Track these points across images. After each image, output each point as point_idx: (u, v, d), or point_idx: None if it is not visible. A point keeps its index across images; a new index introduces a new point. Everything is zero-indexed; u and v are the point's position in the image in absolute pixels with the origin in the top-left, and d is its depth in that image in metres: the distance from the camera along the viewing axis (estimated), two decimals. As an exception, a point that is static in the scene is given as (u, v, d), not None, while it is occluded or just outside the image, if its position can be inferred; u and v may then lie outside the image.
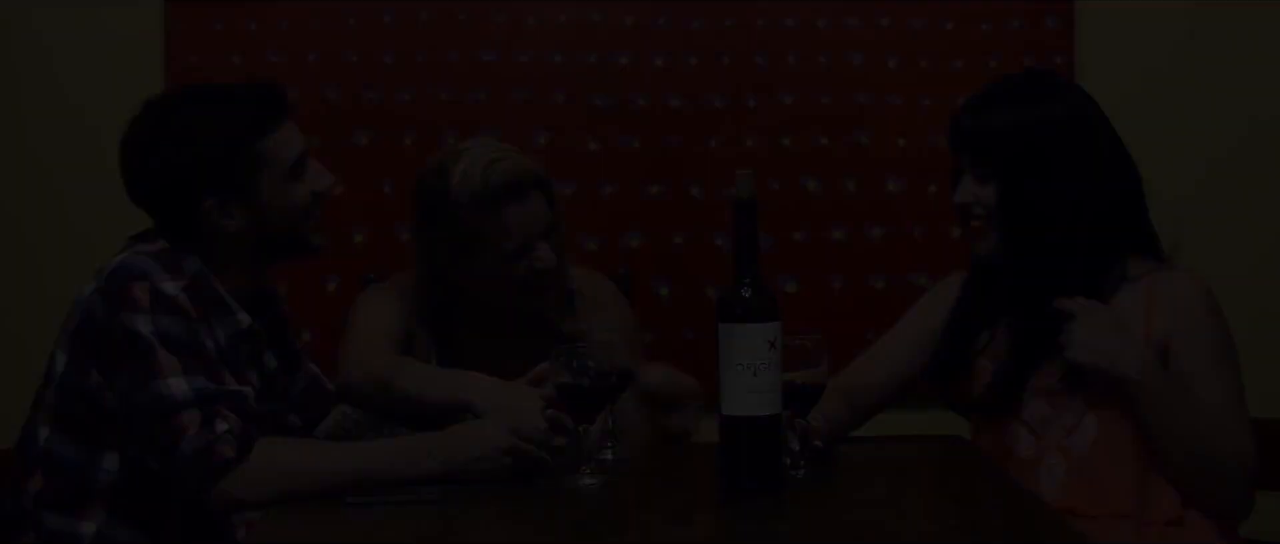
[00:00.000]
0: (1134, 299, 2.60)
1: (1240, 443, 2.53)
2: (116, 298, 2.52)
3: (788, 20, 4.23)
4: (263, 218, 2.64)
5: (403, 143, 4.11)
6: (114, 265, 2.57)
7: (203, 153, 2.59)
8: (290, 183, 2.65)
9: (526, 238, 2.82)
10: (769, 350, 2.26)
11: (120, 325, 2.50)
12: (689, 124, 4.21)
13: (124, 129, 2.67)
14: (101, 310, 2.53)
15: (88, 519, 2.58)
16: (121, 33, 4.13)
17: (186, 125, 2.61)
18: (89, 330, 2.55)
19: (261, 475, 2.41)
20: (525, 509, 2.29)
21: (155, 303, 2.51)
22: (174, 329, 2.50)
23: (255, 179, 2.62)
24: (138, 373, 2.48)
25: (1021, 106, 2.61)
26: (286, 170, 2.65)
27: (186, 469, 2.42)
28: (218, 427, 2.42)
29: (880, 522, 2.15)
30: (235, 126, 2.61)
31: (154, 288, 2.53)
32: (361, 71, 4.16)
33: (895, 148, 4.20)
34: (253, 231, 2.65)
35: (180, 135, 2.61)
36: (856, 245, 4.25)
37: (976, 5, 4.27)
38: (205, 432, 2.42)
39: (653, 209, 4.21)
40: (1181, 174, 4.29)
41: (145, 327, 2.49)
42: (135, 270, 2.55)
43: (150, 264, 2.56)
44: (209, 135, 2.60)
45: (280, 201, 2.65)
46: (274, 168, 2.63)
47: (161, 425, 2.44)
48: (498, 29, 4.18)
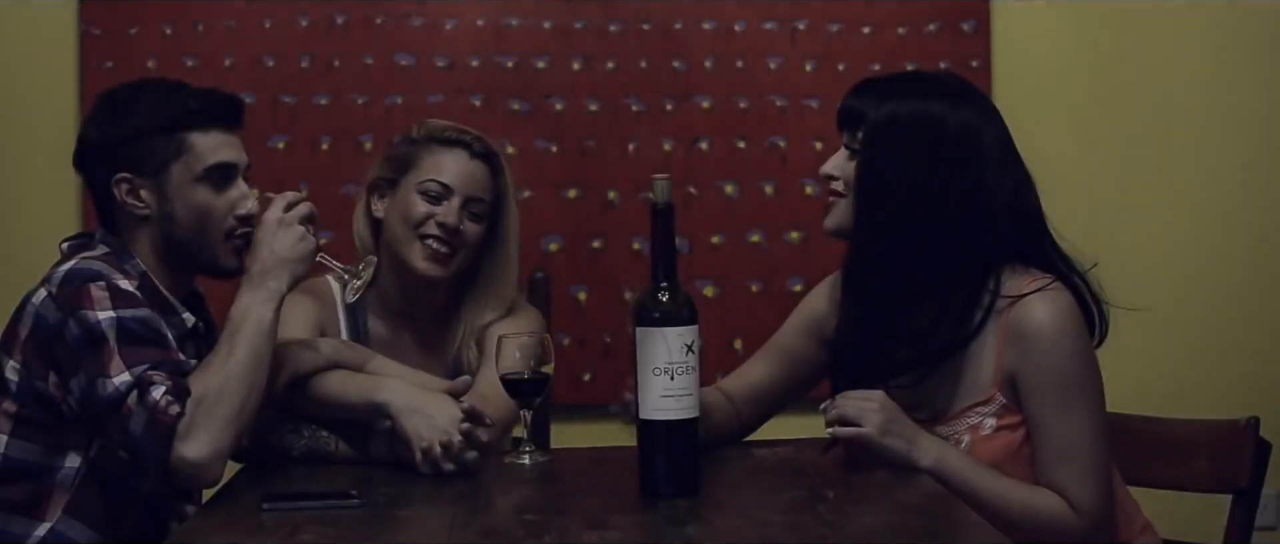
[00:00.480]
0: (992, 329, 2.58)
1: (1080, 491, 2.49)
2: (73, 300, 2.55)
3: (705, 24, 4.25)
4: (170, 214, 2.69)
5: (320, 147, 4.10)
6: (66, 271, 2.60)
7: (128, 126, 2.68)
8: (202, 186, 2.69)
9: (444, 187, 2.90)
10: (686, 354, 2.26)
11: (77, 324, 2.53)
12: (607, 128, 4.21)
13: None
14: (55, 315, 2.56)
15: (43, 520, 2.61)
16: (34, 37, 4.09)
17: (130, 100, 2.71)
18: (43, 335, 2.58)
19: (202, 421, 2.45)
20: (443, 513, 2.28)
21: (115, 298, 2.55)
22: (132, 318, 2.54)
23: (167, 166, 2.68)
24: (92, 370, 2.50)
25: (901, 95, 2.61)
26: (201, 171, 2.69)
27: (143, 447, 2.44)
28: (153, 393, 2.44)
29: (800, 524, 2.16)
30: (163, 109, 2.69)
31: (111, 285, 2.57)
32: (278, 76, 4.14)
33: (812, 151, 4.21)
34: (162, 229, 2.70)
35: (118, 107, 2.70)
36: (774, 249, 4.27)
37: (894, 9, 4.30)
38: (144, 405, 2.44)
39: (570, 213, 4.21)
40: (1095, 176, 4.35)
41: (104, 319, 2.52)
42: (88, 273, 2.58)
43: (101, 266, 2.61)
44: (139, 111, 2.69)
45: (187, 199, 2.69)
46: (189, 162, 2.69)
47: (112, 419, 2.47)
48: (415, 33, 4.17)
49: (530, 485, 2.50)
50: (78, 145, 2.75)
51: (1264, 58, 4.43)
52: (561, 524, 2.17)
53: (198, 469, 2.45)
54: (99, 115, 2.73)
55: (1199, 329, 4.40)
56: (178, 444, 2.43)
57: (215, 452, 2.46)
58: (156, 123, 2.68)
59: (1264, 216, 4.43)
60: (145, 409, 2.43)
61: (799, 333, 2.86)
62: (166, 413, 2.43)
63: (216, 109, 2.73)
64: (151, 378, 2.46)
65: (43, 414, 2.60)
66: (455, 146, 2.95)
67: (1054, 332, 2.51)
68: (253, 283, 2.61)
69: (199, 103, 2.71)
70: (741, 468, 2.58)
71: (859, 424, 2.47)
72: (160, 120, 2.68)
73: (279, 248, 2.62)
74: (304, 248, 2.64)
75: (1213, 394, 4.25)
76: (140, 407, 2.44)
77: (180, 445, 2.43)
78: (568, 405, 4.11)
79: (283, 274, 2.62)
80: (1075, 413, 2.51)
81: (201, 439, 2.45)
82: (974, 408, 2.56)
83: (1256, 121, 4.42)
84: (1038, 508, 2.49)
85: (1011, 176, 2.59)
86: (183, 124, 2.69)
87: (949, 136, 2.56)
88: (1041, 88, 4.35)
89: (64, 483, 2.61)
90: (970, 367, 2.58)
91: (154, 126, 2.68)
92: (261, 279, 2.61)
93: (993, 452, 2.54)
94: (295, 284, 2.67)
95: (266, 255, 2.62)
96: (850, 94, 2.65)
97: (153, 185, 2.68)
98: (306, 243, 2.65)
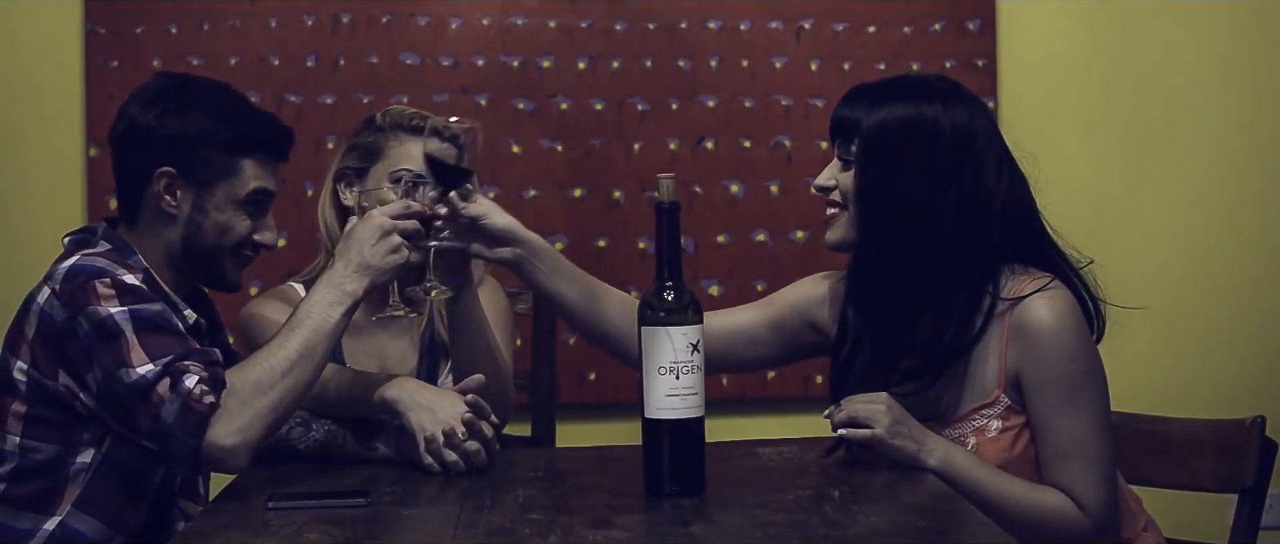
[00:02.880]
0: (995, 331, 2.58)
1: (1085, 489, 2.50)
2: (78, 297, 2.56)
3: (710, 24, 4.25)
4: (199, 224, 2.71)
5: (325, 146, 4.09)
6: (68, 268, 2.60)
7: (190, 127, 2.68)
8: (239, 210, 2.73)
9: (417, 176, 2.88)
10: (691, 354, 2.26)
11: (88, 319, 2.53)
12: (612, 127, 4.21)
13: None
14: (62, 313, 2.56)
15: (53, 513, 2.63)
16: (39, 35, 4.09)
17: (196, 100, 2.72)
18: (51, 334, 2.59)
19: (236, 410, 2.44)
20: (448, 512, 2.28)
21: (122, 293, 2.56)
22: (145, 310, 2.54)
23: (214, 182, 2.70)
24: (109, 362, 2.50)
25: (891, 102, 2.60)
26: (244, 195, 2.73)
27: (174, 434, 2.43)
28: (186, 381, 2.44)
29: (804, 523, 2.16)
30: (232, 128, 2.71)
31: (116, 281, 2.57)
32: (283, 75, 4.14)
33: (817, 151, 4.21)
34: (184, 232, 2.72)
35: (186, 103, 2.71)
36: (779, 248, 4.26)
37: (899, 8, 4.30)
38: (176, 393, 2.43)
39: (575, 212, 4.21)
40: (1100, 175, 4.35)
41: (117, 313, 2.52)
42: (92, 269, 2.59)
43: (104, 262, 2.61)
44: (206, 118, 2.69)
45: (220, 218, 2.72)
46: (236, 186, 2.72)
47: (141, 407, 2.47)
48: (420, 32, 4.17)
49: (535, 484, 2.50)
50: (125, 124, 2.73)
51: (1271, 55, 4.42)
52: (566, 523, 2.17)
53: (226, 455, 2.45)
54: (159, 103, 2.71)
55: (1205, 328, 4.40)
56: (209, 429, 2.42)
57: (244, 441, 2.44)
58: (220, 137, 2.69)
59: (1271, 215, 4.42)
60: (179, 397, 2.43)
61: (790, 304, 2.86)
62: (201, 402, 2.43)
63: (279, 144, 2.77)
64: (186, 367, 2.46)
65: (54, 413, 2.61)
66: (420, 133, 2.92)
67: (1057, 331, 2.52)
68: (330, 281, 2.55)
69: (265, 132, 2.74)
70: (746, 467, 2.58)
71: (868, 426, 2.47)
72: (224, 136, 2.70)
73: (370, 253, 2.54)
74: (394, 261, 2.56)
75: (1218, 393, 4.25)
76: (174, 394, 2.43)
77: (211, 430, 2.42)
78: (572, 405, 4.11)
79: (363, 280, 2.54)
80: (1079, 411, 2.51)
81: (234, 427, 2.44)
82: (979, 410, 2.56)
83: (1264, 119, 4.42)
84: (1044, 506, 2.49)
85: (1006, 174, 2.59)
86: (244, 148, 2.71)
87: (944, 139, 2.56)
88: (1047, 87, 4.35)
89: (76, 477, 2.63)
90: (974, 369, 2.58)
91: (216, 140, 2.69)
92: (340, 280, 2.54)
93: (998, 453, 2.54)
94: (374, 293, 2.60)
95: (355, 256, 2.55)
96: (841, 104, 2.65)
97: (192, 192, 2.70)
98: (398, 256, 2.56)
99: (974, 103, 2.62)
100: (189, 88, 2.75)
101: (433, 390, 2.69)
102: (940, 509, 2.27)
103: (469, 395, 2.64)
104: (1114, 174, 4.37)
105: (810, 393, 3.08)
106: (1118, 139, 4.37)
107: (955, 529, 2.18)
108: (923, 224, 2.54)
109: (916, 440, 2.48)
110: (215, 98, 2.75)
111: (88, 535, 2.64)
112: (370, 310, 2.82)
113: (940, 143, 2.55)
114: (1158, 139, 4.39)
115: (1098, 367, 2.56)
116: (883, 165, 2.57)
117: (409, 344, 3.04)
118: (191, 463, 2.46)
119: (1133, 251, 4.27)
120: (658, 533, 2.17)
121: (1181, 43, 4.40)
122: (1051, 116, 4.30)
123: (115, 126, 2.75)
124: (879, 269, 2.60)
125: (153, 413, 2.44)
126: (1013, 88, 4.31)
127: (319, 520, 2.23)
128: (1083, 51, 4.38)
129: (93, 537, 2.64)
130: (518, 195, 4.17)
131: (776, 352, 2.90)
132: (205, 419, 2.42)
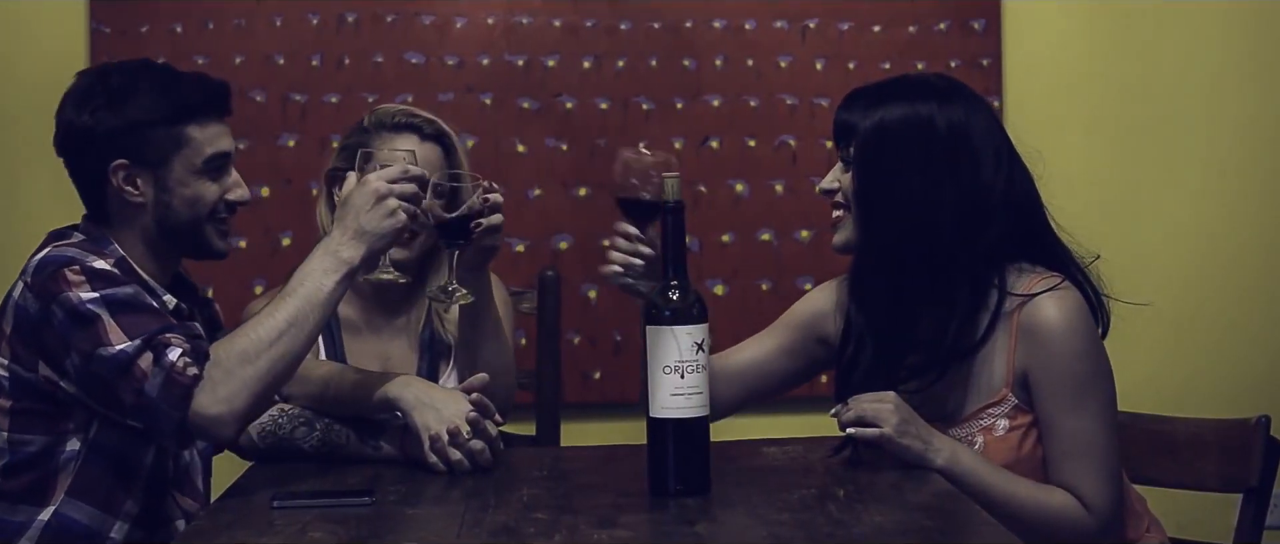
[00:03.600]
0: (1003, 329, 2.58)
1: (1091, 488, 2.50)
2: (50, 286, 2.55)
3: (715, 23, 4.24)
4: (167, 203, 2.70)
5: (330, 145, 4.08)
6: (38, 261, 2.61)
7: (127, 115, 2.66)
8: (201, 177, 2.71)
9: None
10: (696, 353, 2.27)
11: (61, 307, 2.53)
12: (617, 126, 4.21)
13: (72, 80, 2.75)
14: (35, 305, 2.56)
15: (47, 503, 2.64)
16: (44, 35, 4.09)
17: (123, 87, 2.69)
18: (26, 327, 2.60)
19: (221, 379, 2.44)
20: (453, 512, 2.28)
21: (93, 278, 2.55)
22: (118, 293, 2.54)
23: (168, 158, 2.68)
24: (85, 344, 2.50)
25: (888, 102, 2.60)
26: (201, 163, 2.71)
27: (158, 407, 2.43)
28: (170, 355, 2.44)
29: (810, 522, 2.16)
30: (166, 102, 2.69)
31: (85, 267, 2.57)
32: (288, 74, 4.13)
33: (823, 150, 4.20)
34: (156, 215, 2.71)
35: (114, 94, 2.68)
36: (784, 248, 4.26)
37: (904, 8, 4.30)
38: (160, 366, 2.43)
39: (580, 211, 4.21)
40: (1106, 174, 4.34)
41: (88, 298, 2.52)
42: (62, 259, 2.59)
43: (74, 251, 2.61)
44: (139, 101, 2.67)
45: (186, 191, 2.70)
46: (190, 155, 2.70)
47: (124, 383, 2.46)
48: (425, 31, 4.17)
49: (540, 484, 2.51)
50: (64, 130, 2.72)
51: (1274, 55, 4.41)
52: (571, 522, 2.17)
53: (212, 423, 2.44)
54: (90, 101, 2.70)
55: (1209, 327, 4.39)
56: (197, 403, 2.42)
57: (231, 410, 2.44)
58: (158, 114, 2.68)
59: (1276, 214, 4.42)
60: (162, 370, 2.43)
61: (798, 325, 2.87)
62: (185, 373, 2.43)
63: (216, 101, 2.74)
64: (168, 340, 2.46)
65: (38, 405, 2.62)
66: (405, 131, 2.97)
67: (1065, 330, 2.52)
68: (325, 248, 2.53)
69: (200, 95, 2.71)
70: (751, 466, 2.58)
71: (877, 425, 2.47)
72: (161, 112, 2.68)
73: (366, 219, 2.51)
74: (391, 225, 2.52)
75: (1223, 393, 4.24)
76: (157, 367, 2.43)
77: (196, 400, 2.42)
78: (578, 404, 4.11)
79: (360, 246, 2.51)
80: (1087, 411, 2.51)
81: (220, 395, 2.43)
82: (986, 409, 2.56)
83: (1269, 119, 4.41)
84: (1049, 506, 2.49)
85: (1007, 169, 2.59)
86: (184, 117, 2.69)
87: (940, 137, 2.56)
88: (1052, 86, 4.34)
89: (66, 466, 2.63)
90: (982, 368, 2.58)
91: (155, 118, 2.67)
92: (336, 247, 2.52)
93: (1006, 452, 2.54)
94: (372, 261, 2.56)
95: (351, 223, 2.52)
96: (840, 107, 2.66)
97: (151, 175, 2.69)
98: (395, 219, 2.52)
99: (973, 99, 2.62)
100: (113, 76, 2.73)
101: (437, 389, 2.69)
102: (945, 509, 2.27)
103: (474, 394, 2.65)
104: (1119, 173, 4.36)
105: (815, 392, 3.08)
106: (1123, 138, 4.37)
107: (960, 529, 2.18)
108: (921, 222, 2.55)
109: (924, 440, 2.48)
110: (141, 78, 2.72)
111: (82, 522, 2.64)
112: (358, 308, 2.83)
113: (935, 141, 2.55)
114: (1163, 138, 4.38)
115: (1106, 367, 2.56)
116: (879, 166, 2.58)
117: (409, 344, 3.04)
118: (178, 436, 2.47)
119: (1137, 251, 4.26)
120: (663, 532, 2.17)
121: (1186, 42, 4.39)
122: (1056, 116, 4.29)
123: (56, 136, 2.74)
124: (879, 268, 2.60)
125: (136, 387, 2.44)
126: (1018, 87, 4.31)
127: (324, 519, 2.23)
128: (1088, 51, 4.37)
129: (87, 523, 2.64)
130: (523, 194, 4.16)
131: (792, 376, 2.91)
132: (189, 391, 2.42)
